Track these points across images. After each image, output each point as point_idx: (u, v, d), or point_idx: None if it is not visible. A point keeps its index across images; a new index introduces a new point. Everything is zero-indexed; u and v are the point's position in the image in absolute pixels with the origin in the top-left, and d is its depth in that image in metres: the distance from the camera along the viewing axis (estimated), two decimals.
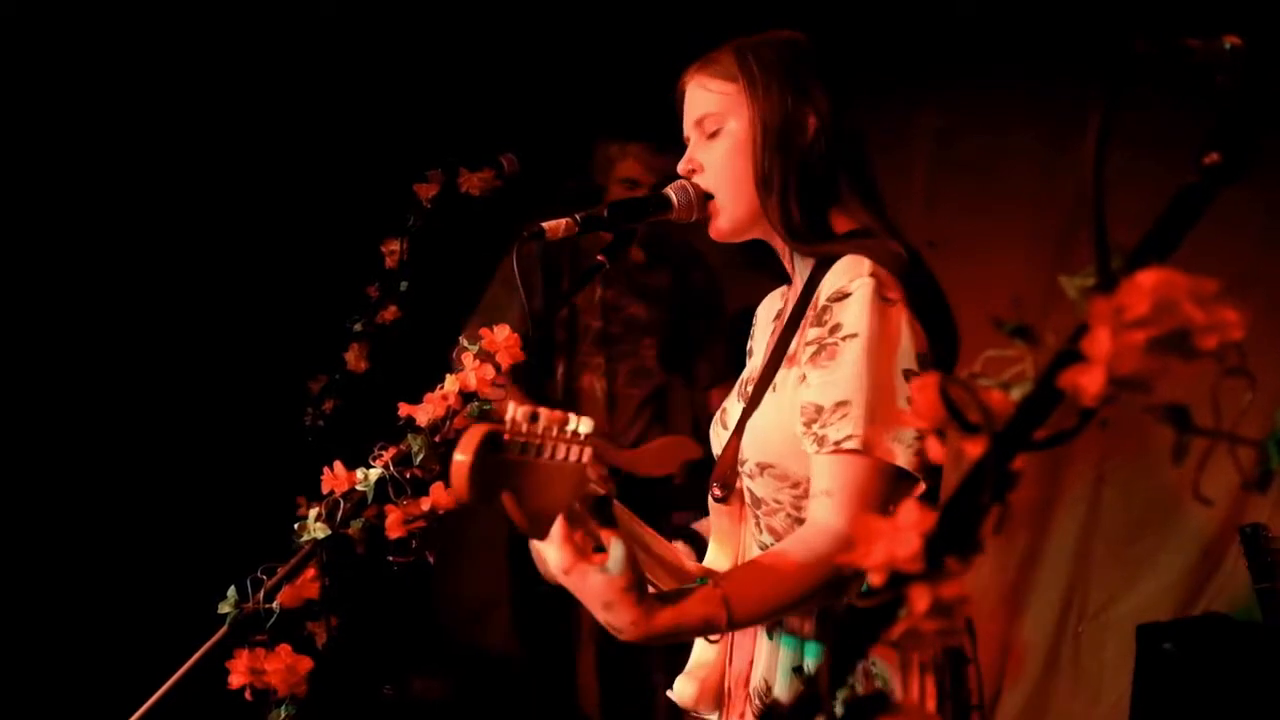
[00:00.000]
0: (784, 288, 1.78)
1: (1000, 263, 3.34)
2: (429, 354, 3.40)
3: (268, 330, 3.23)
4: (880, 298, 1.43)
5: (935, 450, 0.92)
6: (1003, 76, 3.21)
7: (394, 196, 3.09)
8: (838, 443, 1.39)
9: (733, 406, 1.70)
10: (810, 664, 1.52)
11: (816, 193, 1.57)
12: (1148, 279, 0.80)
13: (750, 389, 1.64)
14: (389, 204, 3.10)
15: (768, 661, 1.55)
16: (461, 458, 1.11)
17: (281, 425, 3.21)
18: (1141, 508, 3.18)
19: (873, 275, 1.45)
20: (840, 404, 1.40)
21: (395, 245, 3.01)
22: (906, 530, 0.78)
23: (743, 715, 1.57)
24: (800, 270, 1.63)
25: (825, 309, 1.46)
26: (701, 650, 1.62)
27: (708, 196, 1.63)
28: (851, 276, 1.45)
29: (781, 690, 1.52)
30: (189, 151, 3.10)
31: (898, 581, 0.77)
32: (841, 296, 1.45)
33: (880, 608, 0.78)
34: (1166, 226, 0.88)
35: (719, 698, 1.62)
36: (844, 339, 1.42)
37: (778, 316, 1.74)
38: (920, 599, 0.77)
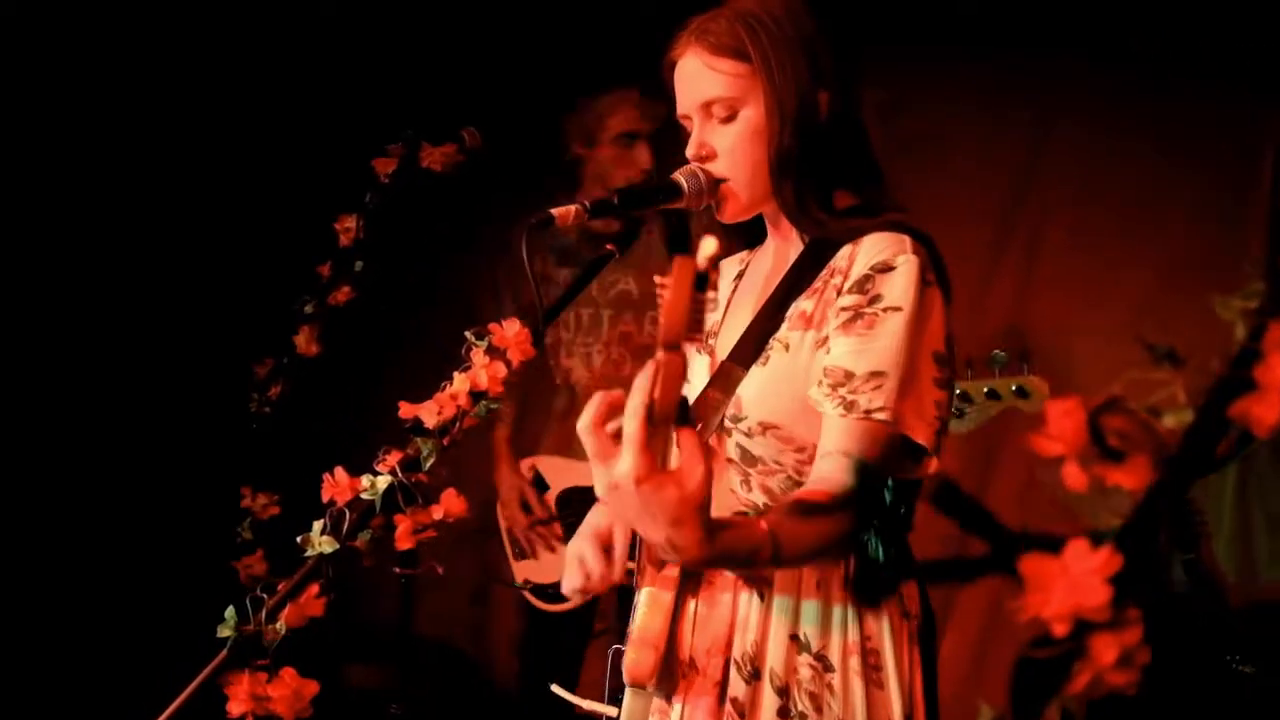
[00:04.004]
0: (743, 252, 1.76)
1: (942, 238, 3.32)
2: (384, 338, 3.27)
3: (211, 310, 3.05)
4: (923, 277, 1.46)
5: (1075, 477, 0.86)
6: (941, 50, 3.18)
7: (349, 170, 2.93)
8: (868, 411, 1.41)
9: (694, 359, 1.65)
10: (808, 630, 1.49)
11: (829, 171, 1.56)
12: None
13: (714, 342, 1.63)
14: (344, 178, 2.94)
15: (759, 628, 1.50)
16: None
17: (225, 411, 3.04)
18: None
19: (915, 254, 1.47)
20: (875, 374, 1.42)
21: (350, 222, 2.87)
22: (1089, 576, 0.72)
23: (718, 685, 1.50)
24: (793, 237, 1.62)
25: (868, 278, 1.46)
26: (651, 617, 1.52)
27: (718, 182, 1.58)
28: (895, 251, 1.47)
29: (775, 659, 1.49)
30: (126, 116, 2.89)
31: (1080, 631, 0.71)
32: (886, 269, 1.46)
33: (1059, 659, 0.72)
34: None
35: (666, 671, 1.53)
36: (885, 310, 1.44)
37: (739, 276, 1.73)
38: (1106, 650, 0.70)
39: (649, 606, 1.51)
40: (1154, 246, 2.98)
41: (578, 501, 2.93)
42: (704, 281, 1.03)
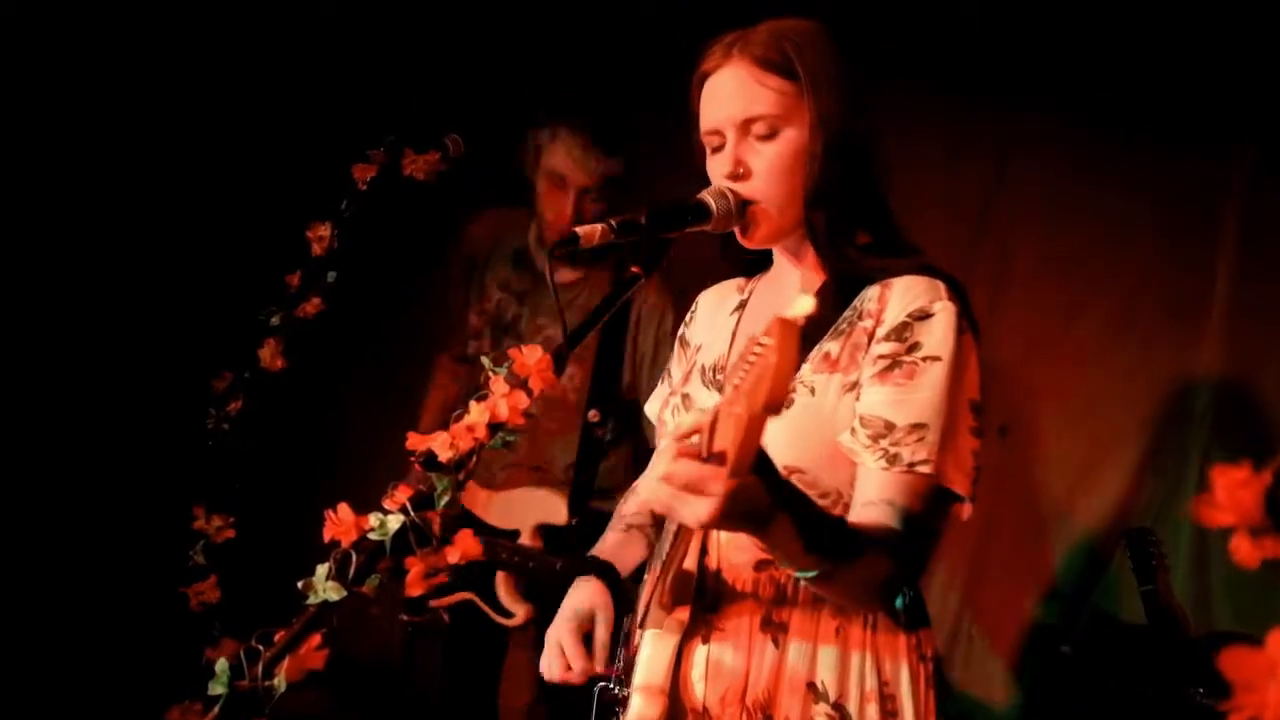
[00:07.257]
0: (739, 280, 1.73)
1: None
2: (353, 353, 3.13)
3: (169, 318, 2.90)
4: (959, 325, 1.44)
5: (1246, 552, 0.77)
6: (900, 88, 3.17)
7: (324, 176, 2.79)
8: (911, 464, 1.39)
9: (700, 393, 1.63)
10: (825, 678, 1.45)
11: (855, 205, 1.53)
12: None
13: (723, 376, 1.59)
14: (318, 184, 2.80)
15: (772, 674, 1.46)
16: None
17: (180, 426, 2.87)
18: (1034, 513, 3.24)
19: (951, 300, 1.45)
20: (917, 426, 1.39)
21: (324, 230, 2.72)
22: None
23: None
24: (812, 270, 1.58)
25: (905, 326, 1.43)
26: (656, 663, 1.48)
27: (746, 204, 1.53)
28: (931, 298, 1.45)
29: (790, 707, 1.45)
30: (89, 112, 2.73)
31: None
32: (924, 316, 1.44)
33: None
34: None
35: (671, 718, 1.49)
36: (925, 360, 1.42)
37: (741, 305, 1.69)
38: None
39: (654, 651, 1.47)
40: (1113, 280, 3.01)
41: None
42: (805, 342, 0.97)
